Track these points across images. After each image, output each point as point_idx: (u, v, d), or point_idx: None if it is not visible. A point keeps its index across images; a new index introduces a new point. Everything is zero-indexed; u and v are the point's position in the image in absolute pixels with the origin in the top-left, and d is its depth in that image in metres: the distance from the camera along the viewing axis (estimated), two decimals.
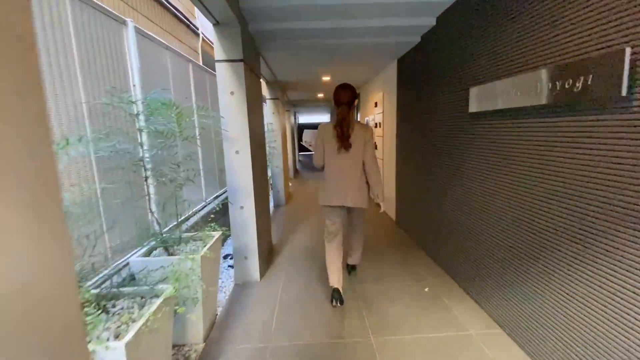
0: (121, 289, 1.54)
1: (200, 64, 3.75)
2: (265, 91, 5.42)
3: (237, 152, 2.55)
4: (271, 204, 5.67)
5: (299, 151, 16.55)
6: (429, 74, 3.02)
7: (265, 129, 5.39)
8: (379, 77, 5.04)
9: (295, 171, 10.32)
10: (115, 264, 1.89)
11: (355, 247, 2.75)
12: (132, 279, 1.88)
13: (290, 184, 7.77)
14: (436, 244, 2.98)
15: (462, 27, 2.36)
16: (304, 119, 17.90)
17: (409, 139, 3.72)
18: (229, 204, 2.62)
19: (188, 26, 4.40)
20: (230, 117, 2.50)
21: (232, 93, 2.48)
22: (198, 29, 4.77)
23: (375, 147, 5.34)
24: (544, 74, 1.52)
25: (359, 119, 7.06)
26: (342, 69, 4.59)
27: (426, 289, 2.53)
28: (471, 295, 2.37)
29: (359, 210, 2.50)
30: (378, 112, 5.11)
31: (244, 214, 2.64)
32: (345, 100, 2.29)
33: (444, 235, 2.81)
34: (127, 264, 1.89)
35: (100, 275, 1.75)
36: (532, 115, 1.66)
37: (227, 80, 2.46)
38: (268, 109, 5.44)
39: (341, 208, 2.42)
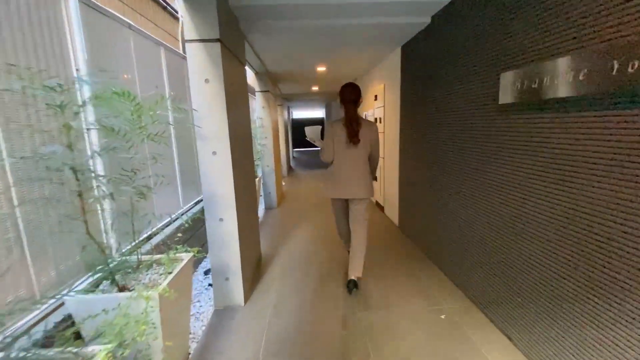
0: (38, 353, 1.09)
1: (181, 52, 3.28)
2: (254, 83, 4.94)
3: (214, 153, 2.10)
4: (261, 207, 5.23)
5: (294, 147, 16.08)
6: (441, 61, 2.59)
7: (256, 124, 4.93)
8: (379, 67, 4.59)
9: (289, 168, 9.86)
10: (49, 304, 1.44)
11: (357, 254, 2.52)
12: (71, 325, 1.44)
13: (283, 183, 7.33)
14: (451, 257, 2.57)
15: None
16: (299, 114, 17.40)
17: (415, 136, 3.30)
18: (205, 217, 2.18)
19: (165, 8, 3.90)
20: (205, 110, 2.05)
21: (206, 81, 2.02)
22: (177, 13, 4.26)
23: None
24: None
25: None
26: (338, 57, 4.14)
27: (442, 316, 2.12)
28: (498, 324, 1.96)
29: (362, 203, 2.51)
30: (378, 106, 4.67)
31: (224, 228, 2.20)
32: (352, 98, 2.43)
33: (460, 248, 2.40)
34: (62, 303, 1.44)
35: (23, 322, 1.30)
36: (603, 107, 1.24)
37: (200, 65, 2.00)
38: (258, 102, 4.97)
39: (346, 200, 2.60)
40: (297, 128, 17.01)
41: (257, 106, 4.96)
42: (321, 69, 4.80)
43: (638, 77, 1.05)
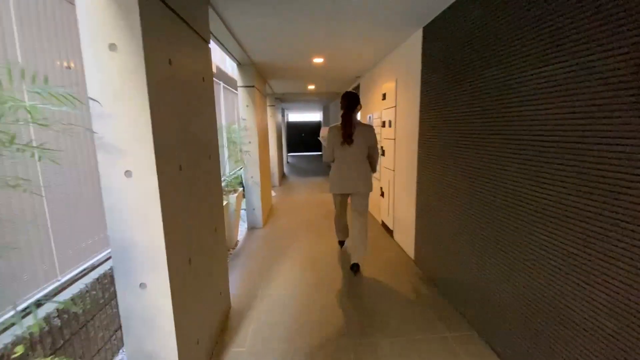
0: None
1: None
2: (237, 77, 4.08)
3: (127, 173, 1.22)
4: (243, 228, 4.34)
5: (289, 152, 15.23)
6: (497, 39, 1.74)
7: (238, 126, 4.06)
8: (389, 58, 3.75)
9: (282, 176, 8.97)
10: None
11: (360, 241, 2.88)
12: None
13: (273, 194, 6.43)
14: (496, 320, 1.71)
15: None
16: (295, 117, 16.57)
17: (443, 144, 2.44)
18: (116, 284, 1.29)
19: None
20: (110, 100, 1.17)
21: (112, 46, 1.15)
22: None
23: (383, 153, 4.06)
24: None
25: (360, 119, 5.75)
26: (339, 47, 3.29)
27: None
28: None
29: (362, 196, 2.86)
30: (387, 106, 3.82)
31: (147, 298, 1.31)
32: (348, 104, 2.77)
33: (512, 307, 1.54)
34: None
35: None
36: None
37: (99, 19, 1.13)
38: (240, 99, 4.10)
39: (346, 195, 2.95)
40: (293, 131, 16.16)
41: (241, 104, 4.09)
42: (318, 60, 3.95)
43: None
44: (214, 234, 1.99)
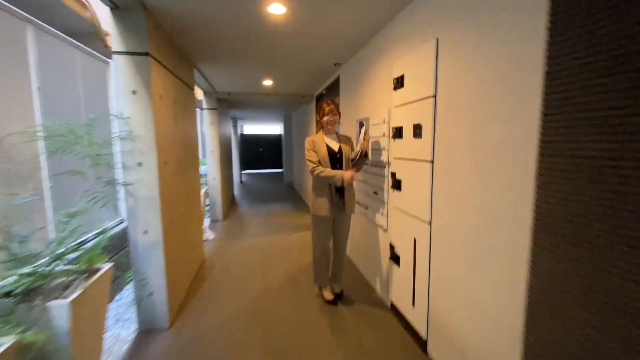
0: None
1: None
2: (114, 37, 2.06)
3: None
4: (130, 331, 2.21)
5: (243, 169, 13.05)
6: None
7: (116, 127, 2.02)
8: (413, 8, 2.03)
9: (231, 203, 6.84)
10: None
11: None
12: None
13: (209, 236, 4.33)
14: None
15: None
16: (251, 129, 14.52)
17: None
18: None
19: None
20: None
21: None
22: None
23: (397, 186, 2.25)
24: None
25: (339, 123, 3.92)
26: None
27: None
28: None
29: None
30: (408, 100, 2.06)
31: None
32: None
33: None
34: None
35: None
36: None
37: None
38: (118, 79, 2.08)
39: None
40: (250, 146, 14.07)
41: (118, 87, 2.07)
42: (276, 9, 2.09)
43: None
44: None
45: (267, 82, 4.54)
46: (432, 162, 1.80)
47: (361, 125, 2.94)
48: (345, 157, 2.45)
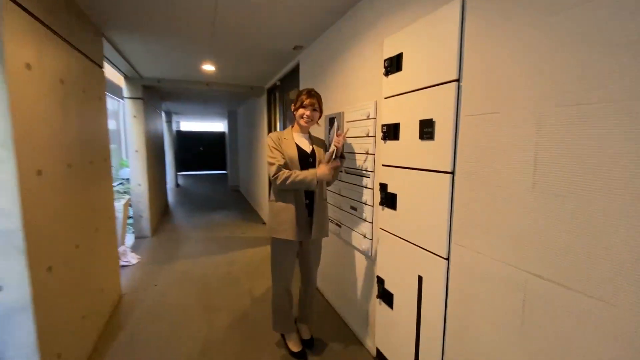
0: None
1: None
2: None
3: None
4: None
5: (180, 170, 11.69)
6: None
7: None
8: None
9: (163, 214, 5.76)
10: None
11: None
12: None
13: (132, 260, 3.38)
14: None
15: None
16: (189, 126, 13.12)
17: None
18: None
19: None
20: None
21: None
22: None
23: (388, 203, 1.70)
24: None
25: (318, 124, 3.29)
26: None
27: None
28: None
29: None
30: (401, 89, 1.53)
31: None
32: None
33: None
34: None
35: None
36: None
37: None
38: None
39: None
40: (188, 144, 12.67)
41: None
42: None
43: None
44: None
45: (208, 68, 3.71)
46: (453, 173, 1.28)
47: (331, 122, 2.36)
48: (319, 161, 1.86)
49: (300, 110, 1.82)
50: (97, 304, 2.12)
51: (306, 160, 1.83)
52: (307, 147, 1.87)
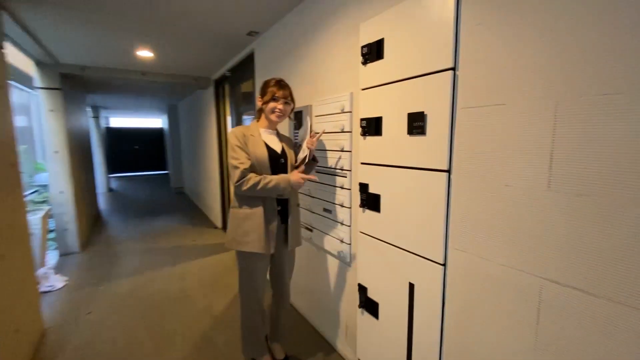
0: None
1: None
2: None
3: None
4: None
5: (112, 171, 10.45)
6: None
7: None
8: None
9: (95, 223, 4.99)
10: None
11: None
12: None
13: (56, 285, 2.82)
14: None
15: None
16: (120, 122, 11.80)
17: None
18: None
19: None
20: None
21: None
22: None
23: (367, 206, 1.55)
24: None
25: (291, 119, 3.02)
26: None
27: None
28: None
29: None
30: (383, 79, 1.39)
31: None
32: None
33: None
34: None
35: None
36: None
37: None
38: None
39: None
40: (120, 142, 11.37)
41: None
42: None
43: None
44: None
45: (144, 54, 3.21)
46: (449, 172, 1.16)
47: (297, 117, 2.14)
48: (290, 163, 1.64)
49: (272, 104, 1.58)
50: (10, 350, 1.66)
51: (277, 161, 1.60)
52: (277, 147, 1.64)
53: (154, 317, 2.36)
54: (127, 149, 11.51)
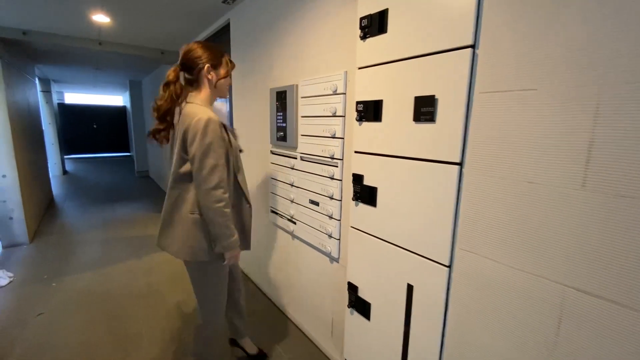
0: None
1: None
2: None
3: None
4: None
5: (67, 152, 9.62)
6: None
7: None
8: None
9: (46, 211, 4.50)
10: None
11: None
12: None
13: (1, 279, 2.48)
14: None
15: None
16: (75, 98, 10.80)
17: None
18: None
19: None
20: None
21: None
22: None
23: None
24: None
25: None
26: None
27: None
28: None
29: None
30: (386, 57, 1.22)
31: None
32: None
33: None
34: None
35: None
36: None
37: None
38: None
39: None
40: (77, 120, 10.42)
41: None
42: None
43: None
44: None
45: (101, 19, 2.80)
46: (461, 165, 1.04)
47: (279, 98, 1.93)
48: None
49: (228, 79, 1.36)
50: None
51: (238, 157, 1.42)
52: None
53: (117, 317, 2.12)
54: (84, 128, 10.56)
